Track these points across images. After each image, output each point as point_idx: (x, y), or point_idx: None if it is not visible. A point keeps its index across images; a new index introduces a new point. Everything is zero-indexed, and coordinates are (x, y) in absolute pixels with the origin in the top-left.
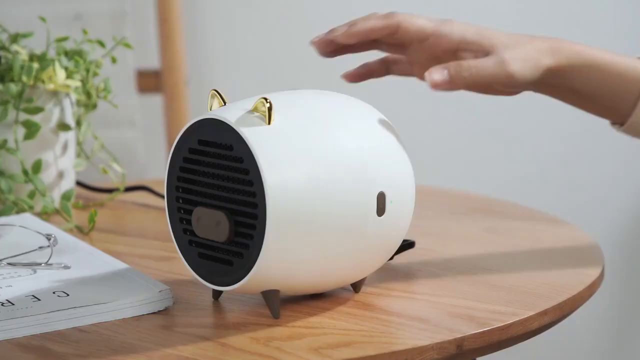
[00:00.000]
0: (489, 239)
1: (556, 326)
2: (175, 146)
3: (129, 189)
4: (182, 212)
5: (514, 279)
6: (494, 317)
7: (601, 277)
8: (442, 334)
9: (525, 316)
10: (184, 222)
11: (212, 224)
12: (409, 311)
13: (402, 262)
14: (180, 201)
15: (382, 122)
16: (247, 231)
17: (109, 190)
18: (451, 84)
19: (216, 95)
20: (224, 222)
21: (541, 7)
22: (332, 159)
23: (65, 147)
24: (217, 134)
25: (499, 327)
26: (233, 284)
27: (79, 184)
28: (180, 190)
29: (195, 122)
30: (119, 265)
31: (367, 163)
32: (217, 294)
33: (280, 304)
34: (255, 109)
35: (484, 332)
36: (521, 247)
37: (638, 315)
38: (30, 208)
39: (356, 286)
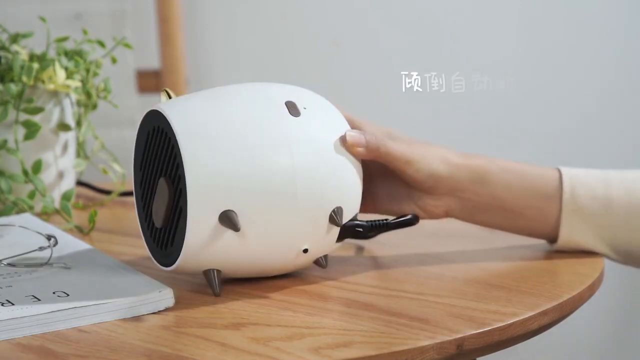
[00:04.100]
0: (488, 238)
1: (556, 326)
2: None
3: (129, 189)
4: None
5: (514, 279)
6: (494, 317)
7: (601, 277)
8: (442, 334)
9: (525, 316)
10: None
11: (159, 207)
12: (409, 311)
13: (401, 262)
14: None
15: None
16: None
17: (109, 191)
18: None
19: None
20: (164, 206)
21: (541, 7)
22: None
23: (65, 147)
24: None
25: (499, 327)
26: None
27: (79, 184)
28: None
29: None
30: (119, 265)
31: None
32: (217, 292)
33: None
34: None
35: (484, 332)
36: (521, 247)
37: (638, 315)
38: (30, 208)
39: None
